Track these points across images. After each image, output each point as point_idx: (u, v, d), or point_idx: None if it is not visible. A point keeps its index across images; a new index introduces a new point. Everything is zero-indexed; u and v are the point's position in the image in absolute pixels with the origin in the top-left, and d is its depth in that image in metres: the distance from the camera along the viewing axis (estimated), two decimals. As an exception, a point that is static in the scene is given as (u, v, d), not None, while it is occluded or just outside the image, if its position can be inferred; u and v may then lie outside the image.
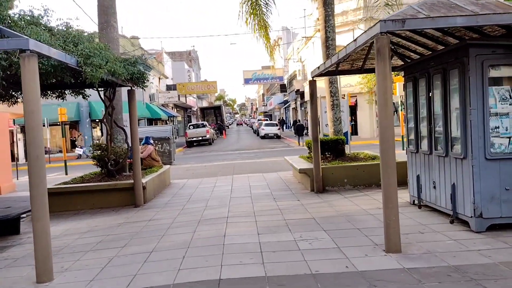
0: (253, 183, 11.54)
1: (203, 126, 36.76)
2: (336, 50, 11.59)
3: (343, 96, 13.46)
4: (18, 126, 31.27)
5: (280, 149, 26.34)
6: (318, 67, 8.97)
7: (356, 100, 30.62)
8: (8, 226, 7.49)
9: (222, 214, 7.79)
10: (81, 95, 9.65)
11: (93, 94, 9.63)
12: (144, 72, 8.76)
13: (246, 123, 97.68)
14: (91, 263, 5.47)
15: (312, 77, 9.56)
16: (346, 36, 27.13)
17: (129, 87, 9.17)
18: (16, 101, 9.15)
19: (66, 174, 18.83)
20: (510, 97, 5.69)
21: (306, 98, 38.85)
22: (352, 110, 28.14)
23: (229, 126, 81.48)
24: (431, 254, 4.92)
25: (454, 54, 6.01)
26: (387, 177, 5.01)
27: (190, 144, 34.97)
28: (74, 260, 5.65)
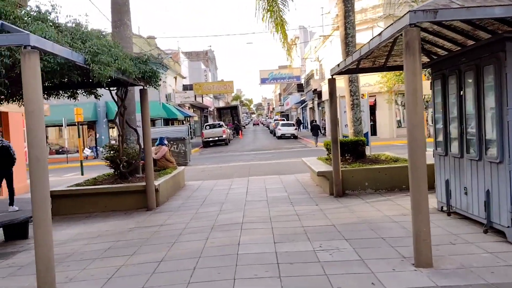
0: (269, 186, 11.14)
1: (220, 126, 36.51)
2: (356, 48, 11.12)
3: (363, 95, 12.94)
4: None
5: (297, 150, 25.87)
6: (338, 65, 8.52)
7: (375, 100, 29.94)
8: (16, 230, 7.25)
9: (237, 220, 7.41)
10: (93, 95, 9.40)
11: (109, 94, 9.37)
12: (156, 71, 8.43)
13: (263, 123, 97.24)
14: (98, 273, 5.15)
15: (332, 75, 9.11)
16: (365, 34, 26.50)
17: (141, 86, 8.87)
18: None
19: (82, 175, 18.76)
20: (553, 96, 5.17)
21: (324, 98, 38.24)
22: (371, 110, 27.45)
23: (246, 126, 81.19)
24: (466, 270, 4.44)
25: (489, 49, 5.51)
26: (417, 182, 4.55)
27: (207, 144, 34.75)
28: (80, 269, 5.34)
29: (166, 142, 13.83)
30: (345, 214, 7.37)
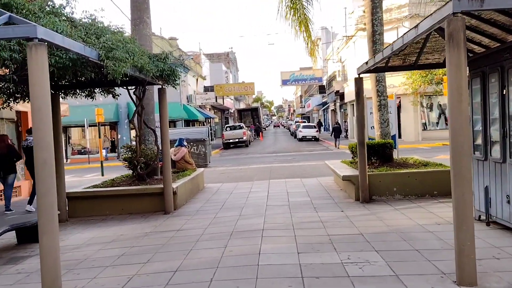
0: (291, 190, 10.70)
1: (240, 128, 36.18)
2: (384, 46, 10.59)
3: (390, 96, 12.38)
4: (59, 127, 31.85)
5: (319, 152, 25.31)
6: (366, 63, 8.03)
7: (400, 102, 29.08)
8: (29, 234, 6.99)
9: (257, 226, 7.00)
10: (111, 94, 9.15)
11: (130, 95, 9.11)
12: (175, 69, 8.10)
13: (283, 125, 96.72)
14: (108, 282, 4.81)
15: (358, 74, 8.62)
16: (390, 35, 25.75)
17: (160, 86, 8.56)
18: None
19: (102, 175, 18.67)
20: None
21: (346, 100, 37.53)
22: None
23: (266, 128, 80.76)
24: (517, 290, 3.93)
25: (538, 43, 4.97)
26: (461, 192, 4.05)
27: (227, 146, 34.48)
28: (90, 278, 5.00)
29: (186, 144, 13.54)
30: (374, 222, 6.87)
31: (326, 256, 5.19)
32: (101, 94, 9.12)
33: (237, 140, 34.58)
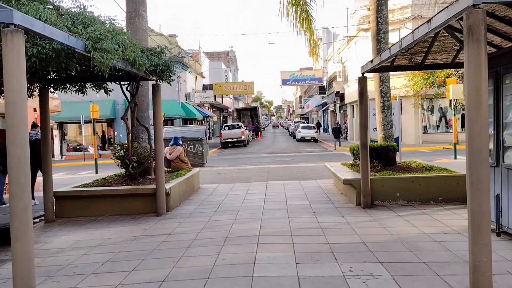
0: (289, 192, 10.31)
1: (239, 127, 35.79)
2: (388, 45, 10.21)
3: (394, 97, 12.01)
4: (55, 123, 31.37)
5: (318, 154, 24.95)
6: (371, 61, 7.65)
7: (401, 104, 28.73)
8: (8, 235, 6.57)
9: (253, 231, 6.61)
10: (103, 89, 8.74)
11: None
12: (170, 65, 7.69)
13: (282, 125, 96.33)
14: (89, 293, 4.42)
15: (362, 73, 8.24)
16: (392, 36, 25.35)
17: (154, 81, 8.16)
18: (32, 95, 8.33)
19: (96, 173, 18.31)
20: None
21: (346, 101, 37.17)
22: (396, 114, 26.33)
23: (265, 128, 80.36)
24: (539, 313, 3.55)
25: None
26: (477, 203, 3.67)
27: (225, 145, 34.10)
28: None
29: (181, 142, 13.15)
30: (377, 230, 6.49)
31: (327, 268, 4.80)
32: (93, 89, 8.71)
33: (235, 140, 34.21)
